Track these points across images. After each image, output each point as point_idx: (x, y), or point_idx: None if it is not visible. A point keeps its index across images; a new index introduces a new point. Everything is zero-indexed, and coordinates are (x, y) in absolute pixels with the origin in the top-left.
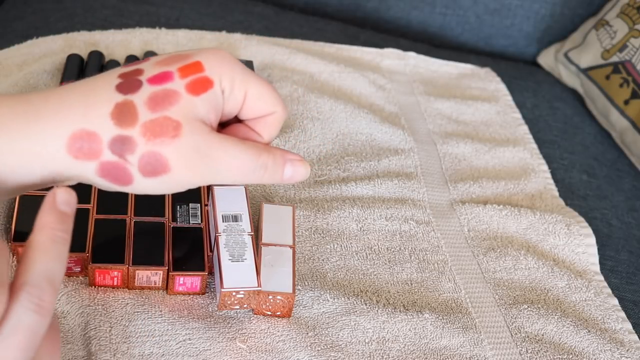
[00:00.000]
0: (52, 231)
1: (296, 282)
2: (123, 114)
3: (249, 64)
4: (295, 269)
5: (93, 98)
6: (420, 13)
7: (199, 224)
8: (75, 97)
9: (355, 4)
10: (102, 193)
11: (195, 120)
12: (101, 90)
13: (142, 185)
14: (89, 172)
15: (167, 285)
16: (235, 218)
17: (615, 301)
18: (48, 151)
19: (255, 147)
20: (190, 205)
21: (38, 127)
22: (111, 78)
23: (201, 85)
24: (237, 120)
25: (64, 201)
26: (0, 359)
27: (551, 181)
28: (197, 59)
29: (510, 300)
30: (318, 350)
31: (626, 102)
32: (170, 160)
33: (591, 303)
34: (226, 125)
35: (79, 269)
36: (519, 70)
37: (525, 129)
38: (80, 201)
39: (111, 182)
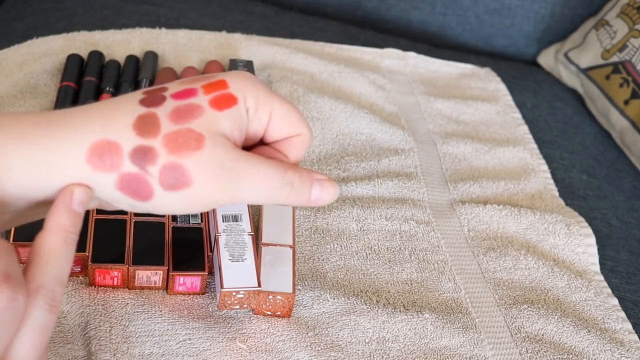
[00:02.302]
0: (66, 234)
1: (296, 282)
2: (145, 125)
3: (249, 64)
4: (295, 269)
5: (115, 111)
6: (420, 13)
7: (199, 224)
8: (97, 109)
9: (355, 4)
10: None
11: (219, 135)
12: (124, 104)
13: (162, 200)
14: (107, 186)
15: (167, 285)
16: (235, 218)
17: (615, 301)
18: (67, 161)
19: (281, 164)
20: None
21: (58, 137)
22: (135, 94)
23: (225, 101)
24: (262, 143)
25: (79, 201)
26: (19, 358)
27: (551, 181)
28: (221, 78)
29: (510, 300)
30: (318, 350)
31: (626, 102)
32: (192, 172)
33: (591, 303)
34: (251, 148)
35: (79, 269)
36: (519, 70)
37: (525, 129)
38: None
39: (130, 196)
